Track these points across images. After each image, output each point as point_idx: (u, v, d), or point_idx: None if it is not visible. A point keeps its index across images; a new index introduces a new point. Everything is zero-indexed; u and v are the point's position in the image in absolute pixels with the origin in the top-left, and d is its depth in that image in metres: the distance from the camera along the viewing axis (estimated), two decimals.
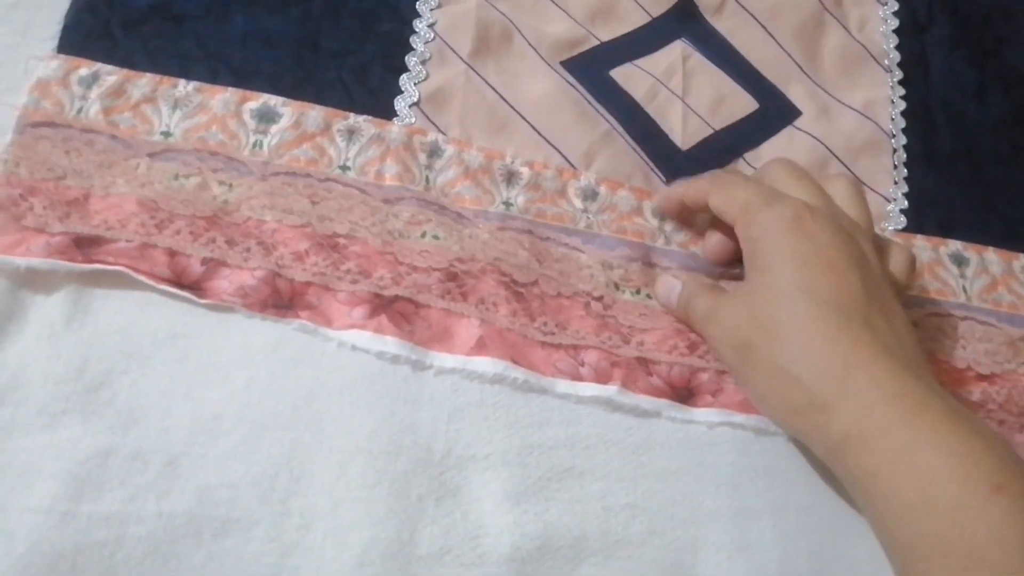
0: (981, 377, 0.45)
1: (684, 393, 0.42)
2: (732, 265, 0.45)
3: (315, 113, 0.46)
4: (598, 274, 0.44)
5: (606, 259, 0.45)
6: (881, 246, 0.42)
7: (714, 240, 0.44)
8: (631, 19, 0.54)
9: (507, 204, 0.45)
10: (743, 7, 0.55)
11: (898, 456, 0.35)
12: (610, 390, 0.41)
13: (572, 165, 0.47)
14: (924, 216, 0.50)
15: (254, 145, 0.45)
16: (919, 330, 0.46)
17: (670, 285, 0.44)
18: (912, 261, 0.43)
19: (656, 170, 0.48)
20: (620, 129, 0.49)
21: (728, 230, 0.42)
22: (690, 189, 0.44)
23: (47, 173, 0.41)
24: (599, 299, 0.43)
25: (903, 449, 0.35)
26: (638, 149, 0.49)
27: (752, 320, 0.39)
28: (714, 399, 0.42)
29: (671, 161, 0.49)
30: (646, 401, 0.41)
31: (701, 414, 0.42)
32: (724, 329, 0.40)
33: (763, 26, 0.55)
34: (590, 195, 0.47)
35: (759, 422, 0.42)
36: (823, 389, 0.36)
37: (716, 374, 0.43)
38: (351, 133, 0.46)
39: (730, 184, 0.42)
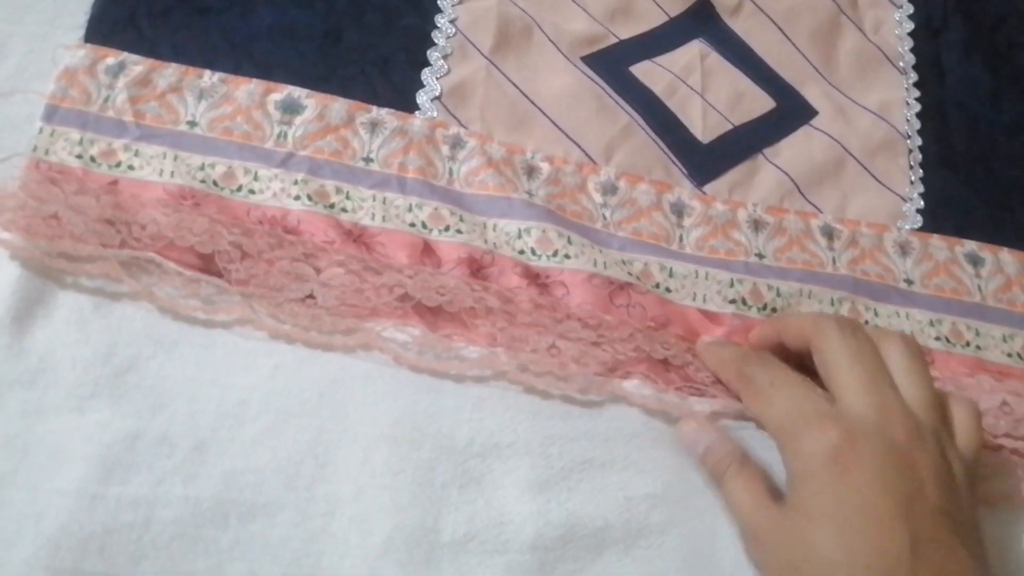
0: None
1: (705, 387, 0.42)
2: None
3: (338, 105, 0.46)
4: (617, 269, 0.44)
5: (623, 254, 0.45)
6: (944, 414, 0.39)
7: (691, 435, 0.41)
8: (649, 18, 0.54)
9: (530, 194, 0.45)
10: (760, 8, 0.56)
11: None
12: (631, 384, 0.41)
13: (592, 159, 0.48)
14: (940, 216, 0.50)
15: (278, 136, 0.45)
16: (933, 329, 0.46)
17: (691, 437, 0.41)
18: (978, 416, 0.39)
19: (677, 162, 0.49)
20: (641, 122, 0.49)
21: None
22: (722, 372, 0.42)
23: (77, 160, 0.41)
24: (621, 288, 0.44)
25: None
26: (659, 141, 0.49)
27: (792, 571, 0.35)
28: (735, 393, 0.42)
29: (692, 154, 0.49)
30: (667, 395, 0.42)
31: (721, 406, 0.42)
32: (765, 564, 0.37)
33: (779, 28, 0.55)
34: (610, 189, 0.47)
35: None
36: None
37: None
38: (374, 126, 0.46)
39: (764, 392, 0.39)
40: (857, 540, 0.34)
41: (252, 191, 0.43)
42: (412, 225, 0.43)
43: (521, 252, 0.43)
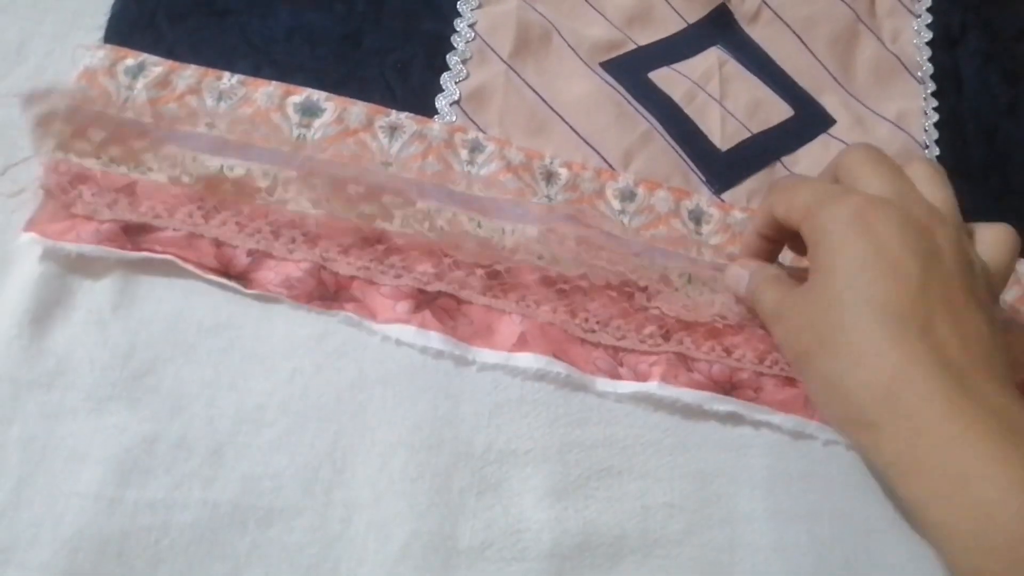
0: None
1: (726, 386, 0.42)
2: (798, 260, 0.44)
3: (357, 109, 0.46)
4: (639, 269, 0.44)
5: (641, 259, 0.45)
6: (971, 230, 0.40)
7: (748, 239, 0.44)
8: (668, 25, 0.54)
9: (548, 198, 0.45)
10: (778, 16, 0.56)
11: (950, 488, 0.33)
12: (650, 386, 0.41)
13: (610, 166, 0.48)
14: None
15: (297, 138, 0.45)
16: None
17: (738, 276, 0.43)
18: (1012, 241, 0.40)
19: (695, 169, 0.49)
20: (660, 129, 0.49)
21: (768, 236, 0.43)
22: (758, 213, 0.43)
23: (96, 161, 0.41)
24: (643, 289, 0.43)
25: (955, 480, 0.32)
26: (677, 148, 0.49)
27: (810, 328, 0.37)
28: (755, 395, 0.42)
29: (711, 161, 0.49)
30: (687, 394, 0.41)
31: (742, 407, 0.42)
32: (786, 333, 0.39)
33: (798, 36, 0.55)
34: (628, 196, 0.47)
35: (797, 424, 0.42)
36: (871, 407, 0.35)
37: (755, 374, 0.43)
38: (393, 130, 0.46)
39: (791, 188, 0.40)
40: (875, 281, 0.35)
41: (272, 192, 0.43)
42: (430, 230, 0.43)
43: (540, 257, 0.43)
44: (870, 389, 0.35)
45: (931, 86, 0.55)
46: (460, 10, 0.51)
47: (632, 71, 0.51)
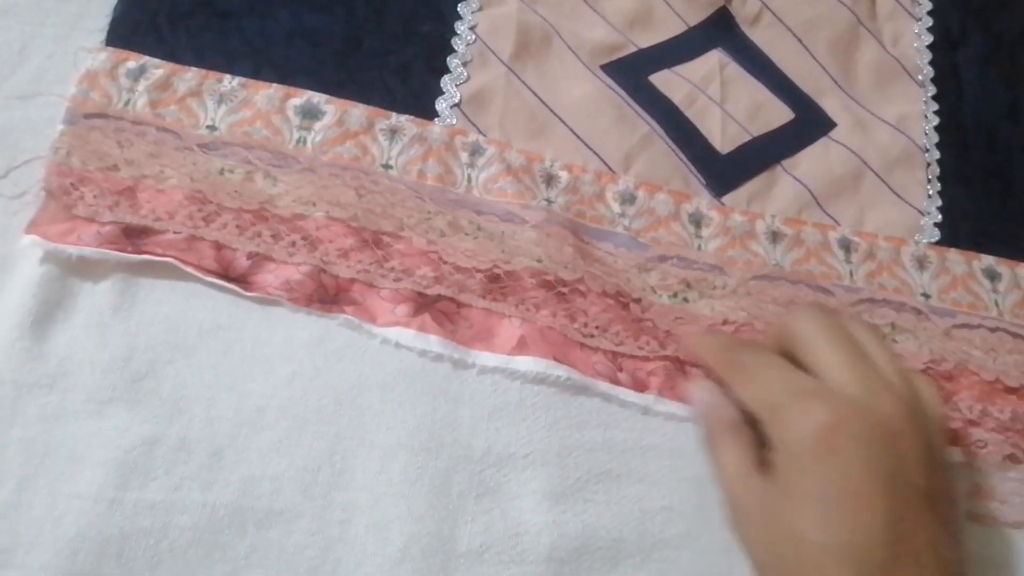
0: (1010, 390, 0.45)
1: None
2: None
3: (358, 111, 0.46)
4: (634, 279, 0.45)
5: (640, 262, 0.45)
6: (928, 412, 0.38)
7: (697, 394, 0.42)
8: (668, 27, 0.54)
9: (548, 201, 0.45)
10: (779, 20, 0.56)
11: None
12: (648, 399, 0.42)
13: (611, 168, 0.48)
14: (958, 230, 0.50)
15: (298, 141, 0.45)
16: (950, 341, 0.46)
17: (696, 397, 0.41)
18: (936, 395, 0.39)
19: (696, 172, 0.49)
20: (660, 132, 0.49)
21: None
22: (712, 358, 0.41)
23: (99, 163, 0.42)
24: (637, 301, 0.44)
25: None
26: (678, 151, 0.49)
27: (770, 546, 0.35)
28: None
29: (711, 164, 0.49)
30: (683, 409, 0.42)
31: None
32: (743, 531, 0.37)
33: (799, 39, 0.55)
34: (628, 199, 0.47)
35: None
36: None
37: None
38: (393, 132, 0.46)
39: (752, 372, 0.38)
40: (837, 520, 0.34)
41: (272, 195, 0.43)
42: (429, 232, 0.43)
43: (539, 260, 0.43)
44: None
45: (931, 89, 0.55)
46: (461, 12, 0.51)
47: (632, 73, 0.51)
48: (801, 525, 0.34)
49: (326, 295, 0.41)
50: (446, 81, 0.48)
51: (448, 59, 0.49)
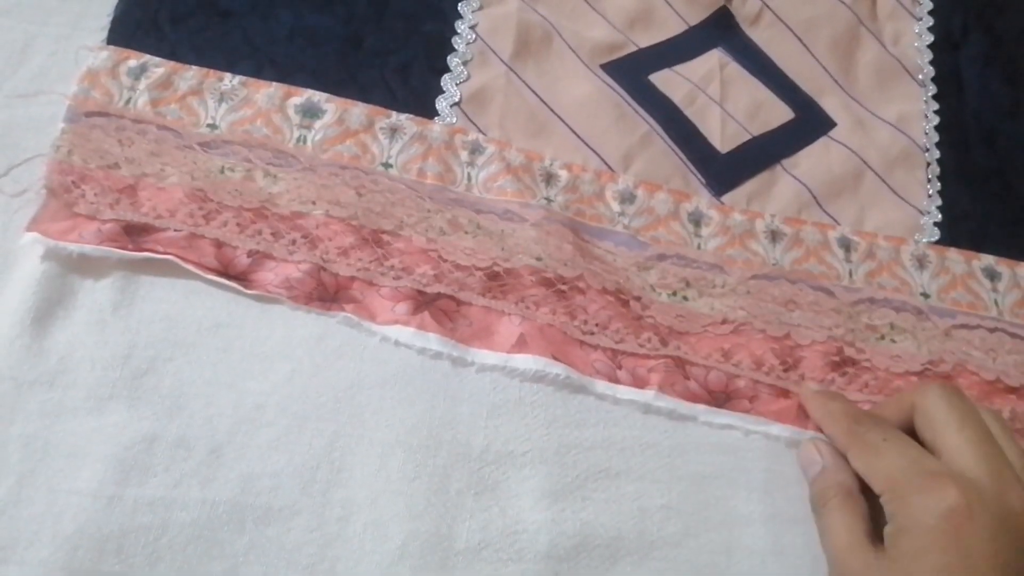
0: (1010, 389, 0.45)
1: (721, 398, 0.42)
2: None
3: (358, 110, 0.46)
4: (634, 277, 0.45)
5: (640, 261, 0.45)
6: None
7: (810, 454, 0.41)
8: (669, 27, 0.54)
9: (548, 200, 0.46)
10: (779, 19, 0.56)
11: None
12: (647, 394, 0.41)
13: (610, 168, 0.48)
14: (958, 229, 0.50)
15: (298, 140, 0.45)
16: (949, 341, 0.46)
17: (808, 457, 0.41)
18: None
19: (695, 172, 0.49)
20: (659, 131, 0.49)
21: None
22: (829, 426, 0.41)
23: (100, 161, 0.42)
24: (638, 299, 0.44)
25: None
26: (677, 151, 0.49)
27: None
28: (751, 405, 0.42)
29: (711, 163, 0.49)
30: (683, 406, 0.42)
31: (737, 419, 0.42)
32: None
33: (799, 38, 0.55)
34: (628, 198, 0.47)
35: (793, 433, 0.42)
36: None
37: (752, 382, 0.43)
38: (393, 131, 0.46)
39: (875, 448, 0.38)
40: None
41: (272, 193, 0.43)
42: (429, 231, 0.43)
43: (539, 259, 0.43)
44: None
45: (932, 89, 0.55)
46: (461, 12, 0.51)
47: (632, 73, 0.51)
48: None
49: (326, 293, 0.41)
50: (446, 80, 0.48)
51: (448, 58, 0.49)
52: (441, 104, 0.48)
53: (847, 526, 0.37)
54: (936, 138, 0.53)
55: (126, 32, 0.46)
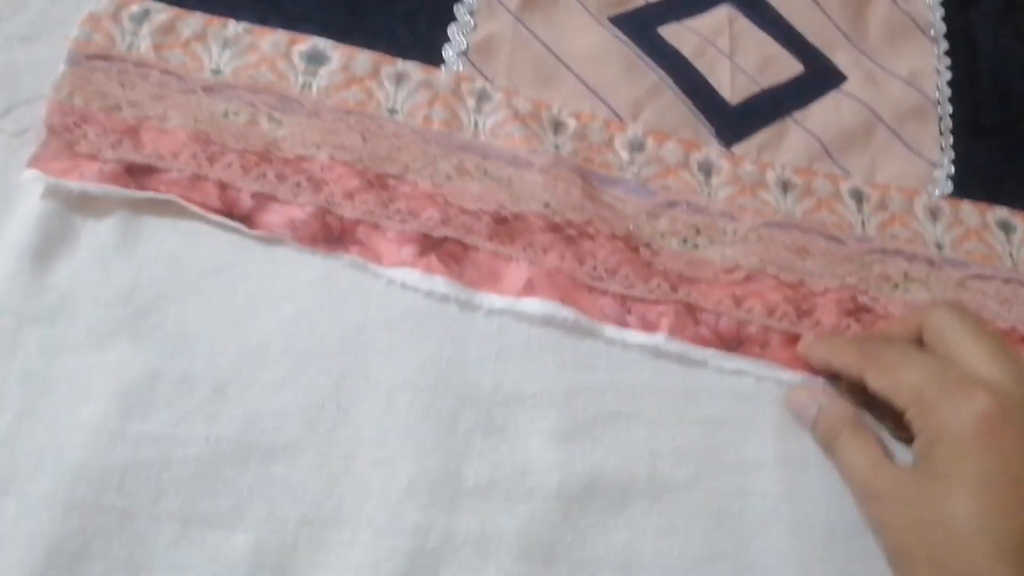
0: None
1: (732, 343, 0.42)
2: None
3: (363, 57, 0.46)
4: (643, 224, 0.44)
5: (650, 208, 0.45)
6: None
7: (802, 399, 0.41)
8: None
9: (556, 147, 0.45)
10: None
11: None
12: (657, 338, 0.41)
13: (619, 117, 0.47)
14: (971, 183, 0.50)
15: (303, 86, 0.44)
16: (963, 291, 0.45)
17: (802, 404, 0.40)
18: None
19: (705, 122, 0.48)
20: (669, 82, 0.49)
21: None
22: (838, 358, 0.40)
23: (101, 102, 0.41)
24: (647, 246, 0.43)
25: None
26: (687, 102, 0.48)
27: (916, 531, 0.34)
28: (762, 351, 0.42)
29: (721, 115, 0.49)
30: (693, 350, 0.41)
31: (748, 365, 0.41)
32: (885, 523, 0.36)
33: None
34: (637, 147, 0.46)
35: (805, 380, 0.41)
36: None
37: (763, 328, 0.42)
38: (399, 78, 0.46)
39: (895, 363, 0.37)
40: (998, 511, 0.33)
41: (277, 137, 0.42)
42: (435, 176, 0.43)
43: (547, 204, 0.43)
44: None
45: (944, 44, 0.54)
46: None
47: (641, 26, 0.51)
48: (957, 511, 0.33)
49: (331, 235, 0.40)
50: (453, 29, 0.48)
51: (455, 7, 0.49)
52: (448, 53, 0.47)
53: (864, 452, 0.37)
54: (948, 93, 0.53)
55: None
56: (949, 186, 0.49)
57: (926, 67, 0.53)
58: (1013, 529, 0.32)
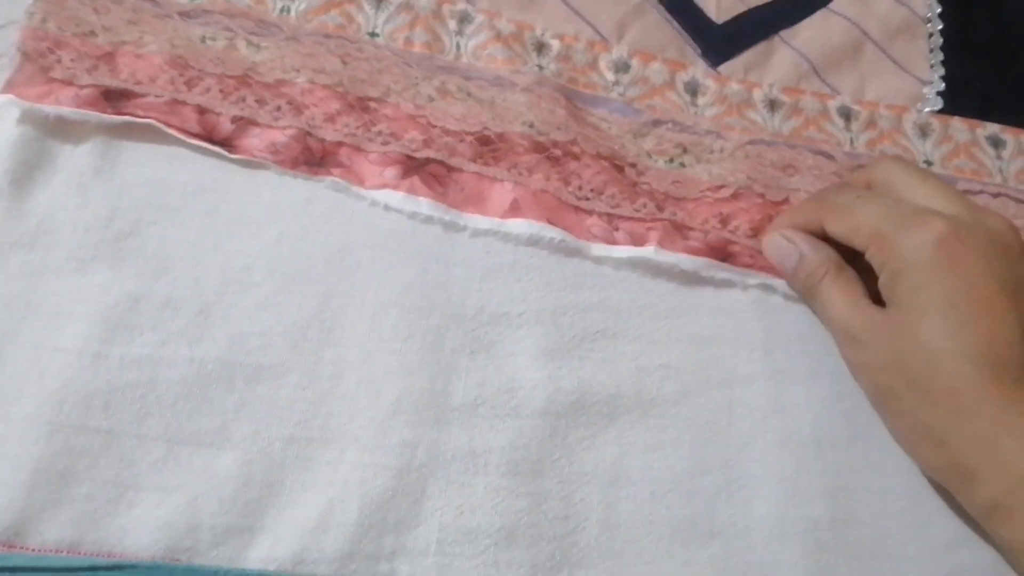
0: None
1: (723, 253, 0.41)
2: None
3: None
4: (629, 144, 0.43)
5: (635, 127, 0.44)
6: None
7: (778, 245, 0.41)
8: None
9: (540, 67, 0.44)
10: None
11: None
12: (647, 251, 0.40)
13: (603, 37, 0.47)
14: (961, 100, 0.49)
15: (281, 10, 0.44)
16: None
17: (782, 250, 0.41)
18: None
19: (691, 42, 0.47)
20: (653, 1, 0.48)
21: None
22: (798, 216, 0.41)
23: (75, 28, 0.40)
24: (633, 165, 0.43)
25: None
26: (672, 21, 0.48)
27: (895, 366, 0.35)
28: (752, 261, 0.42)
29: (706, 34, 0.48)
30: (685, 260, 0.41)
31: (738, 275, 0.41)
32: (865, 363, 0.37)
33: None
34: (622, 67, 0.46)
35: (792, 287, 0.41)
36: (967, 454, 0.33)
37: (749, 248, 0.42)
38: (379, 1, 0.45)
39: (849, 206, 0.38)
40: (968, 327, 0.34)
41: (256, 62, 0.42)
42: (417, 98, 0.42)
43: (531, 125, 0.42)
44: (966, 436, 0.34)
45: None
46: None
47: None
48: (929, 336, 0.34)
49: (312, 158, 0.40)
50: None
51: None
52: None
53: (843, 294, 0.38)
54: (938, 9, 0.52)
55: None
56: (939, 102, 0.49)
57: None
58: (985, 342, 0.34)
